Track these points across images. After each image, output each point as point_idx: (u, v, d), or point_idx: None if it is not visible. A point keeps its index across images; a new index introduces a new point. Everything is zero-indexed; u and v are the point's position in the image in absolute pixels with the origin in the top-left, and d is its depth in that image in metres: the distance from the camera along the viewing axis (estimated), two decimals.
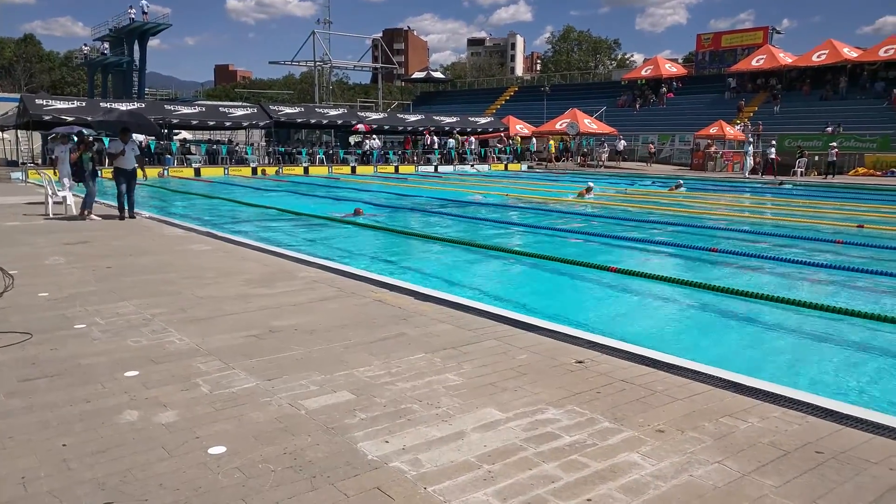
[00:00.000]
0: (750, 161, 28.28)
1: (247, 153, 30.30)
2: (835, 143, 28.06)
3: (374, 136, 34.54)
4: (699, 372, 3.92)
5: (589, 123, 36.57)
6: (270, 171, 28.64)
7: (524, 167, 35.50)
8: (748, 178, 27.42)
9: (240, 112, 31.45)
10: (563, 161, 37.72)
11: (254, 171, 28.32)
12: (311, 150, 31.70)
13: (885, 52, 34.80)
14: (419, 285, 6.35)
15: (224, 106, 33.14)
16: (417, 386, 3.67)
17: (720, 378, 3.82)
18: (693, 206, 16.33)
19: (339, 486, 2.60)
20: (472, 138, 35.95)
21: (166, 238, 9.33)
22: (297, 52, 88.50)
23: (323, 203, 16.38)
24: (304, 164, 30.04)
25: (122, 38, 48.95)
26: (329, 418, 3.23)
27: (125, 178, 11.10)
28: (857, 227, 12.10)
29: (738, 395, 3.58)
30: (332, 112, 35.12)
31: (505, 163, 35.53)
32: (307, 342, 4.45)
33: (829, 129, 30.76)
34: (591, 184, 18.40)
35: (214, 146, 30.22)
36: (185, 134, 33.16)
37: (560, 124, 36.49)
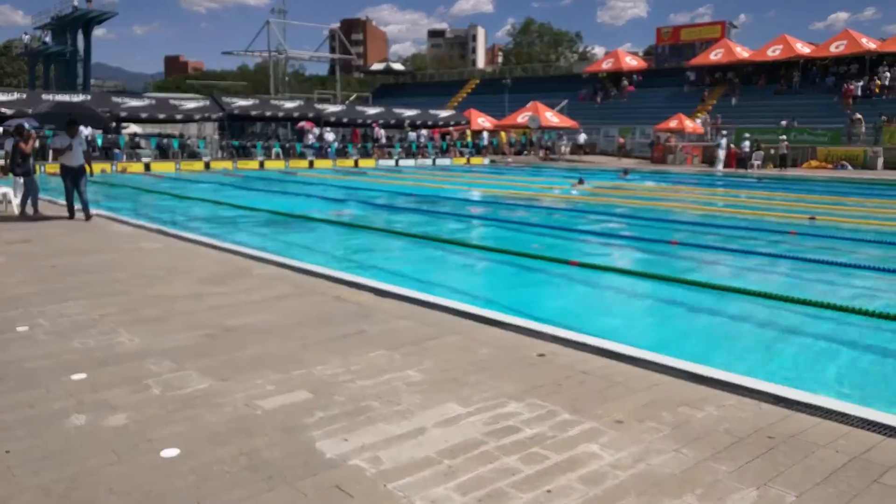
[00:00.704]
0: (722, 154, 28.99)
1: (199, 147, 29.50)
2: (784, 137, 29.15)
3: (330, 129, 34.02)
4: (658, 363, 3.99)
5: (550, 117, 36.77)
6: (221, 165, 27.95)
7: (486, 161, 35.64)
8: (720, 171, 28.14)
9: (191, 105, 30.58)
10: (526, 154, 37.95)
11: (206, 165, 27.61)
12: (266, 144, 31.06)
13: (836, 47, 35.96)
14: (379, 281, 6.28)
15: (175, 98, 32.26)
16: (377, 383, 3.63)
17: (678, 368, 3.90)
18: (669, 198, 16.68)
19: (298, 485, 2.55)
20: (424, 131, 35.80)
21: (114, 236, 9.01)
22: (251, 42, 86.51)
23: (281, 198, 16.09)
24: (260, 159, 29.43)
25: (65, 27, 46.85)
26: (286, 418, 3.17)
27: (72, 176, 10.53)
28: (809, 218, 12.48)
29: (696, 385, 3.66)
30: (289, 104, 34.45)
31: (467, 157, 35.58)
32: (263, 341, 4.35)
33: (784, 122, 31.81)
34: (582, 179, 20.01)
35: (165, 140, 29.28)
36: (134, 128, 32.06)
37: (522, 117, 36.62)
